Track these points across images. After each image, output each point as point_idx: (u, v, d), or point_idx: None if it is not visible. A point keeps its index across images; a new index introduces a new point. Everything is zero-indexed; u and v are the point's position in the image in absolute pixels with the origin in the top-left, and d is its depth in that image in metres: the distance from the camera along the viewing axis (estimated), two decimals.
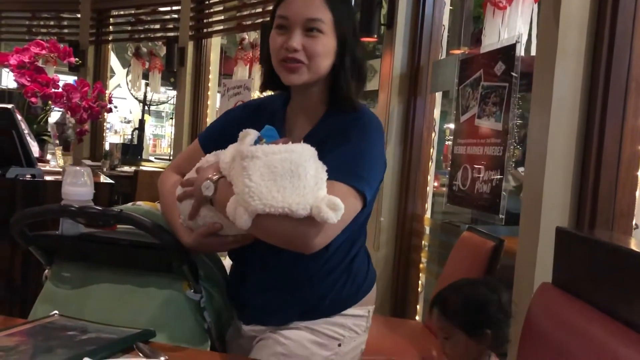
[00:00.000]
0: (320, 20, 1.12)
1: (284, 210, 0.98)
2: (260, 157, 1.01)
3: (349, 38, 1.16)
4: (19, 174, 2.49)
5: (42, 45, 3.21)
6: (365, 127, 1.15)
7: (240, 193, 1.00)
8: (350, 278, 1.23)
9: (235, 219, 1.01)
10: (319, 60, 1.14)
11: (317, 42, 1.13)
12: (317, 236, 1.02)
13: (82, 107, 3.29)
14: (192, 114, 5.31)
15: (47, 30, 6.27)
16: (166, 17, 5.57)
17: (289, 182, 1.00)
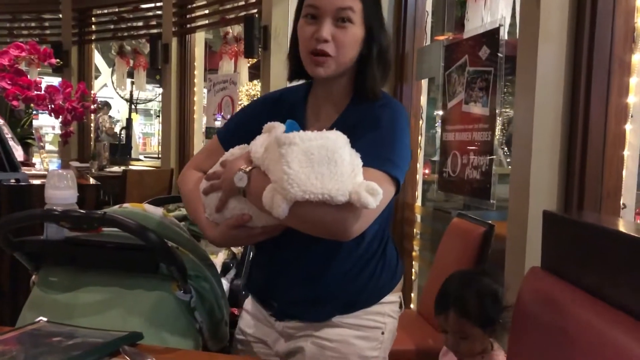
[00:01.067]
0: (351, 9, 1.11)
1: (323, 196, 0.97)
2: (298, 144, 0.99)
3: (376, 28, 1.15)
4: (2, 178, 2.46)
5: (21, 48, 3.16)
6: (394, 113, 1.15)
7: (279, 181, 0.98)
8: (385, 265, 1.23)
9: (272, 207, 0.99)
10: (346, 52, 1.13)
11: (346, 32, 1.12)
12: (356, 222, 1.01)
13: (66, 109, 3.26)
14: (179, 111, 5.28)
15: (28, 32, 6.20)
16: (149, 14, 5.52)
17: (327, 168, 0.99)
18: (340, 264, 1.17)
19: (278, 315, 1.23)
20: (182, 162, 5.30)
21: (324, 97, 1.22)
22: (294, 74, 1.23)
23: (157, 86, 10.03)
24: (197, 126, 5.31)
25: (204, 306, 1.24)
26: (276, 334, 1.24)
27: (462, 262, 2.03)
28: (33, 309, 1.21)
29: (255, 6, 4.32)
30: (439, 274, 2.23)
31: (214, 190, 1.12)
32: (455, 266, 2.07)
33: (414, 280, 3.12)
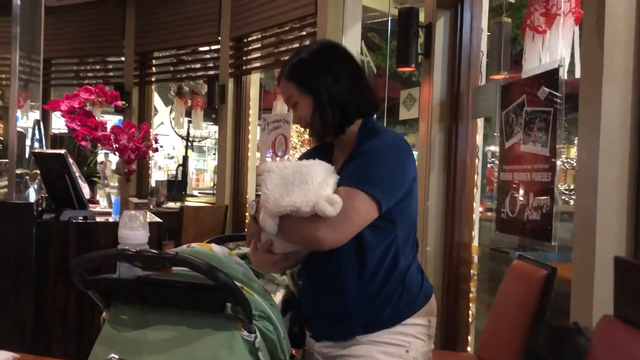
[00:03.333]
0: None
1: (291, 208, 1.19)
2: (275, 171, 1.24)
3: (315, 88, 1.35)
4: (72, 216, 2.58)
5: (90, 91, 3.34)
6: (380, 142, 1.32)
7: (262, 202, 1.23)
8: (405, 290, 1.33)
9: (264, 225, 1.23)
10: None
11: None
12: (326, 231, 1.19)
13: (130, 148, 3.40)
14: (234, 149, 5.41)
15: (93, 74, 6.54)
16: (206, 57, 5.73)
17: (298, 187, 1.21)
18: (352, 285, 1.31)
19: (316, 336, 1.39)
20: (236, 199, 5.40)
21: (338, 145, 1.44)
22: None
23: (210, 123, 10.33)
24: (251, 164, 5.42)
25: (267, 346, 1.25)
26: (319, 356, 1.38)
27: (524, 306, 1.97)
28: (104, 345, 1.24)
29: None
30: (500, 318, 2.17)
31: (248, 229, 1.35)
32: (517, 311, 2.01)
33: (471, 323, 3.03)
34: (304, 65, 1.37)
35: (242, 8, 5.11)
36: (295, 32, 4.70)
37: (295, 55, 1.41)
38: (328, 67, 1.36)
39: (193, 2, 5.54)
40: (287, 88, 1.38)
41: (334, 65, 1.37)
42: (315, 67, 1.36)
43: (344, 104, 1.35)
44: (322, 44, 1.47)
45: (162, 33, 5.83)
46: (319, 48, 1.42)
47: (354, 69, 1.40)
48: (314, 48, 1.43)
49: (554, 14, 2.30)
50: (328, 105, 1.34)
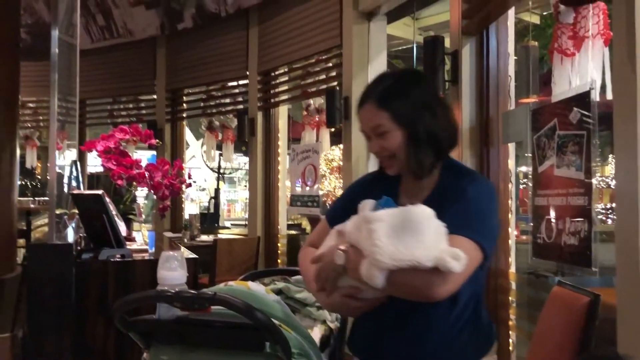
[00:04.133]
0: (380, 125, 1.30)
1: (411, 262, 1.12)
2: (385, 220, 1.16)
3: (412, 121, 1.30)
4: (110, 255, 2.63)
5: (125, 131, 3.44)
6: (480, 187, 1.31)
7: (371, 254, 1.14)
8: (480, 329, 1.35)
9: (369, 279, 1.15)
10: (398, 153, 1.32)
11: (387, 140, 1.31)
12: (442, 285, 1.15)
13: (164, 185, 3.47)
14: (265, 179, 5.47)
15: (127, 112, 6.72)
16: (235, 91, 5.84)
17: (411, 237, 1.14)
18: (439, 326, 1.29)
19: None
20: (267, 229, 5.43)
21: (411, 181, 1.38)
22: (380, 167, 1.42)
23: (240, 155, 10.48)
24: (281, 194, 5.46)
25: None
26: None
27: (567, 335, 1.92)
28: None
29: (336, 79, 4.48)
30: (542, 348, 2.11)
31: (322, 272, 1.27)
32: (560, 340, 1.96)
33: (512, 352, 2.96)
34: (402, 95, 1.30)
35: (269, 43, 5.22)
36: (322, 63, 4.76)
37: (382, 81, 1.35)
38: (426, 100, 1.32)
39: (221, 40, 5.69)
40: (376, 116, 1.30)
41: (430, 99, 1.33)
42: (414, 100, 1.31)
43: (440, 140, 1.32)
44: (415, 74, 1.43)
45: (192, 70, 5.98)
46: (413, 78, 1.37)
47: (444, 103, 1.38)
48: (407, 77, 1.37)
49: (582, 36, 2.29)
50: (426, 142, 1.30)
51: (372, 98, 1.32)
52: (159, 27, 6.03)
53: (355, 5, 4.20)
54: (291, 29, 4.91)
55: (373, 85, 1.36)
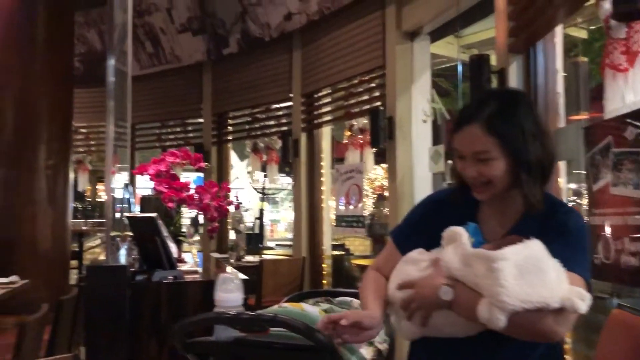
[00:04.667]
0: (486, 151, 1.21)
1: (540, 304, 1.10)
2: (510, 258, 1.12)
3: (521, 151, 1.21)
4: (163, 276, 2.69)
5: (175, 155, 3.52)
6: (578, 218, 1.28)
7: (495, 295, 1.10)
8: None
9: (490, 320, 1.11)
10: (496, 180, 1.23)
11: (489, 167, 1.22)
12: (564, 326, 1.15)
13: (213, 207, 3.53)
14: (309, 200, 5.50)
15: (174, 136, 6.90)
16: (279, 113, 5.93)
17: (536, 277, 1.11)
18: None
19: None
20: (312, 250, 5.44)
21: (495, 208, 1.31)
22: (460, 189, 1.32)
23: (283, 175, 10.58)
24: (325, 215, 5.48)
25: None
26: None
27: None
28: None
29: (379, 99, 4.50)
30: None
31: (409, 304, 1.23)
32: None
33: None
34: (512, 121, 1.22)
35: (312, 65, 5.29)
36: (365, 84, 4.79)
37: (488, 103, 1.25)
38: (536, 129, 1.23)
39: (265, 64, 5.80)
40: (483, 141, 1.21)
41: (539, 128, 1.25)
42: (525, 128, 1.22)
43: (547, 171, 1.25)
44: (521, 97, 1.31)
45: (237, 94, 6.11)
46: (520, 101, 1.27)
47: (548, 129, 1.31)
48: (514, 100, 1.27)
49: (635, 51, 2.24)
50: (536, 174, 1.23)
51: (478, 121, 1.22)
52: (205, 53, 6.20)
53: (398, 26, 4.23)
54: (334, 51, 4.97)
55: (477, 106, 1.26)
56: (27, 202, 5.06)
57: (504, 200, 1.28)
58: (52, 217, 5.17)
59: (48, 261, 5.06)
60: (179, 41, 6.27)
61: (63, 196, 5.31)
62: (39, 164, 5.11)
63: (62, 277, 5.30)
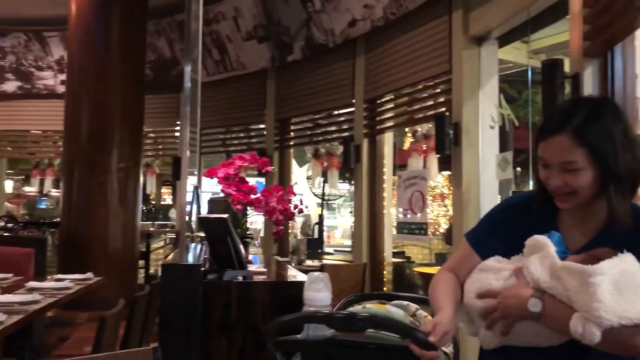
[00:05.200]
0: (574, 162, 1.19)
1: (635, 321, 1.09)
2: (606, 273, 1.11)
3: (609, 162, 1.19)
4: (233, 276, 2.75)
5: (244, 159, 3.61)
6: None
7: (591, 310, 1.10)
8: None
9: (584, 335, 1.10)
10: (582, 191, 1.22)
11: (576, 177, 1.20)
12: None
13: (278, 210, 3.59)
14: (370, 206, 5.49)
15: (238, 141, 7.05)
16: (341, 119, 5.96)
17: (633, 292, 1.11)
18: None
19: None
20: (373, 256, 5.43)
21: (576, 217, 1.29)
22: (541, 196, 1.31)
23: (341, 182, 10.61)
24: (386, 221, 5.46)
25: None
26: None
27: None
28: None
29: (445, 105, 4.46)
30: None
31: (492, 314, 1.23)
32: None
33: None
34: (603, 131, 1.19)
35: (375, 71, 5.30)
36: (429, 90, 4.76)
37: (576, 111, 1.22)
38: (626, 139, 1.20)
39: (328, 70, 5.85)
40: (571, 152, 1.19)
41: (629, 137, 1.22)
42: (615, 138, 1.19)
43: (637, 183, 1.24)
44: (612, 105, 1.28)
45: (300, 100, 6.19)
46: (611, 109, 1.24)
47: (638, 139, 1.25)
48: (604, 108, 1.23)
49: None
50: (625, 186, 1.21)
51: (566, 131, 1.19)
52: (270, 60, 6.32)
53: (465, 31, 4.18)
54: (398, 56, 4.96)
55: (564, 115, 1.22)
56: (100, 203, 5.31)
57: (586, 209, 1.26)
58: (123, 217, 5.40)
59: (118, 260, 5.28)
60: (245, 48, 6.41)
61: (133, 198, 5.53)
62: (112, 167, 5.35)
63: (131, 275, 5.52)
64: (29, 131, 8.34)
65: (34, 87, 7.89)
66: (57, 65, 7.63)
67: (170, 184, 13.68)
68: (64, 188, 5.49)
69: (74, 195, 5.40)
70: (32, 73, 7.81)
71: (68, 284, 3.26)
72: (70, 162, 5.51)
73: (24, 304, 2.57)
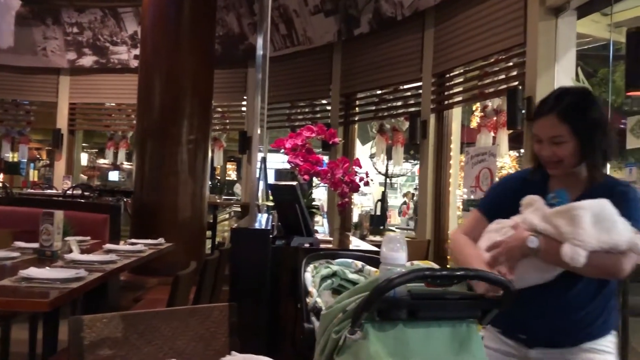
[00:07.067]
0: (560, 135, 1.55)
1: (613, 245, 1.41)
2: (587, 208, 1.43)
3: (588, 134, 1.55)
4: (300, 242, 2.80)
5: (311, 130, 3.63)
6: (636, 191, 1.61)
7: (577, 236, 1.40)
8: (614, 307, 1.64)
9: (573, 258, 1.40)
10: (567, 159, 1.57)
11: (562, 148, 1.56)
12: (629, 265, 1.47)
13: (344, 182, 3.60)
14: (435, 183, 5.41)
15: (302, 116, 7.09)
16: (407, 94, 5.87)
17: (608, 223, 1.42)
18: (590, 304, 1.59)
19: (531, 343, 1.63)
20: (437, 234, 5.37)
21: (567, 179, 1.62)
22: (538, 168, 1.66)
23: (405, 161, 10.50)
24: (452, 199, 5.37)
25: None
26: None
27: None
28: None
29: (517, 79, 4.31)
30: None
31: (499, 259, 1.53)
32: None
33: None
34: (582, 112, 1.56)
35: (445, 44, 5.17)
36: (502, 63, 4.60)
37: (564, 97, 1.58)
38: (600, 119, 1.58)
39: (396, 43, 5.76)
40: (558, 128, 1.55)
41: (603, 118, 1.60)
42: (591, 118, 1.56)
43: (608, 154, 1.59)
44: (590, 95, 1.64)
45: (366, 74, 6.14)
46: (589, 98, 1.60)
47: (610, 123, 1.63)
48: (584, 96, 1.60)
49: None
50: (598, 154, 1.57)
51: (554, 111, 1.55)
52: (336, 34, 6.29)
53: (542, 1, 4.00)
54: (469, 29, 4.82)
55: (554, 100, 1.58)
56: (170, 172, 5.49)
57: (571, 176, 1.60)
58: (192, 188, 5.57)
59: (187, 228, 5.47)
60: (312, 22, 6.40)
61: (202, 169, 5.69)
62: (182, 138, 5.51)
63: (199, 243, 5.70)
64: (104, 104, 8.71)
65: (109, 61, 8.21)
66: (131, 40, 7.90)
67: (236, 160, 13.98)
68: (137, 158, 5.71)
69: (146, 166, 5.60)
70: (108, 48, 8.12)
71: (142, 248, 3.40)
72: (143, 134, 5.71)
73: (103, 263, 2.71)
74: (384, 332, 1.27)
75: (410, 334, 1.25)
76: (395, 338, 1.27)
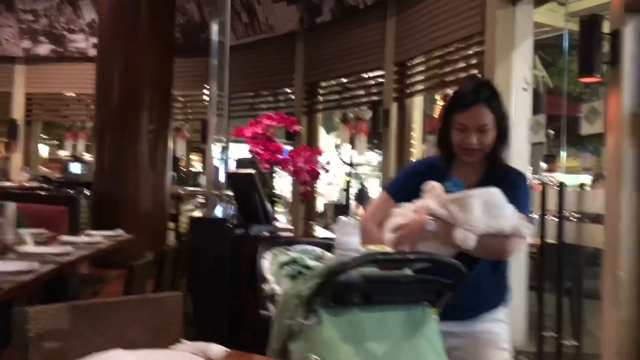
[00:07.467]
0: (487, 124, 1.68)
1: (499, 230, 1.57)
2: (476, 196, 1.58)
3: (505, 124, 1.71)
4: (259, 230, 2.79)
5: (272, 118, 3.61)
6: (525, 179, 1.82)
7: (468, 221, 1.54)
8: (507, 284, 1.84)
9: (464, 241, 1.54)
10: (486, 148, 1.71)
11: (487, 136, 1.69)
12: (514, 247, 1.65)
13: (305, 170, 3.59)
14: (397, 171, 5.44)
15: (266, 105, 7.04)
16: (370, 83, 5.88)
17: (498, 211, 1.57)
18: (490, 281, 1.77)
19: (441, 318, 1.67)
20: None
21: (465, 167, 1.76)
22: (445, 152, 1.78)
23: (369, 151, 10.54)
24: None
25: None
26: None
27: None
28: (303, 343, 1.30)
29: (477, 67, 4.35)
30: None
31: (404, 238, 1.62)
32: None
33: None
34: (500, 103, 1.71)
35: (406, 33, 5.19)
36: (461, 51, 4.64)
37: (485, 88, 1.71)
38: (507, 111, 1.74)
39: (358, 32, 5.75)
40: (487, 116, 1.67)
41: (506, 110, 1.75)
42: (504, 109, 1.72)
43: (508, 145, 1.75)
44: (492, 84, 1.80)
45: (328, 63, 6.12)
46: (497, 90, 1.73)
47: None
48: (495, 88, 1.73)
49: None
50: (507, 140, 1.72)
51: (481, 101, 1.66)
52: (298, 22, 6.24)
53: None
54: (430, 17, 4.84)
55: (474, 91, 1.70)
56: (130, 164, 5.38)
57: (471, 163, 1.74)
58: (153, 179, 5.47)
59: (148, 220, 5.37)
60: (274, 10, 6.34)
61: (162, 160, 5.59)
62: (142, 129, 5.40)
63: (160, 235, 5.61)
64: (62, 94, 8.47)
65: (67, 50, 7.97)
66: (89, 28, 7.68)
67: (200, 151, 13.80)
68: (96, 150, 5.58)
69: (106, 157, 5.48)
70: (65, 36, 7.88)
71: (99, 239, 3.33)
72: (102, 124, 5.57)
73: (57, 255, 2.64)
74: (338, 317, 1.26)
75: (365, 318, 1.26)
76: (350, 322, 1.27)
